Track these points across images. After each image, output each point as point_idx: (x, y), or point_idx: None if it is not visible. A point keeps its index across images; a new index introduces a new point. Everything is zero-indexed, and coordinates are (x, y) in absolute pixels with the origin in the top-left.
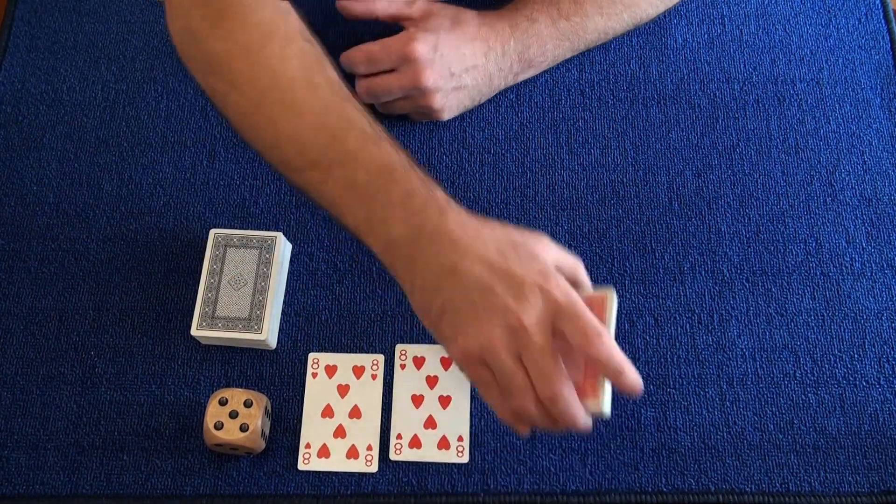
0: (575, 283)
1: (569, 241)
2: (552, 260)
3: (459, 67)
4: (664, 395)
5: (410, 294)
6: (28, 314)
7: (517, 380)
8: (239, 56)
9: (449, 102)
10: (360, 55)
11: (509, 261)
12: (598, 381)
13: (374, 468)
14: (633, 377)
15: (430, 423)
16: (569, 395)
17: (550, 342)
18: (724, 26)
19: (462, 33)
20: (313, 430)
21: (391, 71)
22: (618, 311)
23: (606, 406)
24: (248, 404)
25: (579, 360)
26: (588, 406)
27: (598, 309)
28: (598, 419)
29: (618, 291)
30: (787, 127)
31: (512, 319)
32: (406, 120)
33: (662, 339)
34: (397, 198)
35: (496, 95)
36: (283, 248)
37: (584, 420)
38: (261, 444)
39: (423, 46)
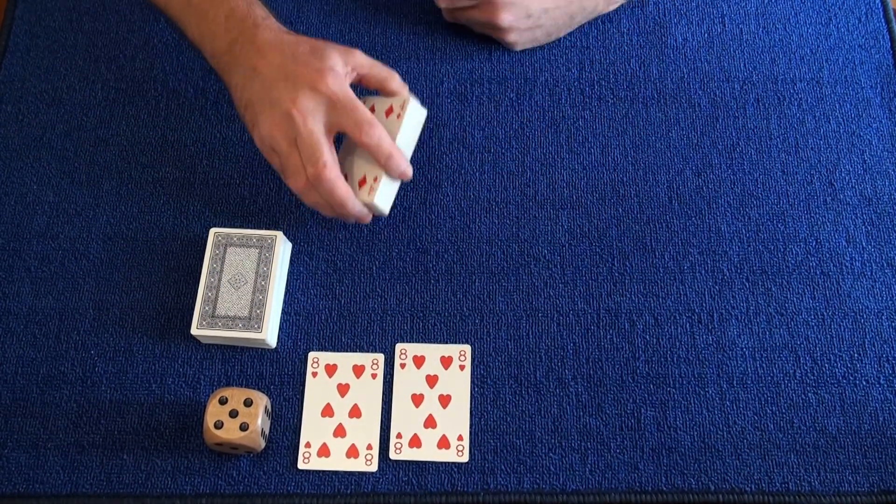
0: (384, 90)
1: (569, 239)
2: (352, 63)
3: (538, 8)
4: (664, 395)
5: (232, 93)
6: (28, 313)
7: (291, 162)
8: None
9: (522, 38)
10: None
11: (297, 62)
12: (377, 174)
13: (373, 467)
14: (401, 162)
15: (430, 423)
16: (333, 177)
17: (320, 131)
18: (725, 26)
19: None
20: (313, 429)
21: (473, 7)
22: (419, 122)
23: (379, 198)
24: (248, 403)
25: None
26: (361, 196)
27: (394, 112)
28: (380, 218)
29: (618, 291)
30: (787, 126)
31: (285, 108)
32: None
33: (662, 339)
34: (222, 14)
35: (496, 95)
36: (283, 248)
37: (354, 206)
38: (261, 444)
39: None
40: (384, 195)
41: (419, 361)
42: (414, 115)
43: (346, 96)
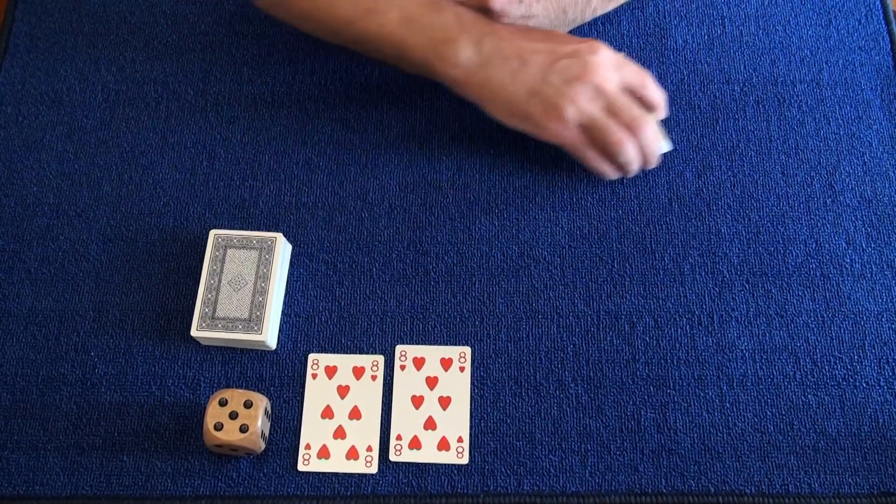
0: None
1: (569, 241)
2: None
3: None
4: (664, 397)
5: (491, 100)
6: (28, 315)
7: (615, 129)
8: None
9: None
10: None
11: (554, 39)
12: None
13: (373, 469)
14: (665, 105)
15: (430, 424)
16: (652, 128)
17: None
18: (724, 27)
19: None
20: (313, 430)
21: None
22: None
23: (664, 141)
24: (247, 405)
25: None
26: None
27: None
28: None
29: (618, 293)
30: (787, 128)
31: (589, 82)
32: (406, 116)
33: (662, 341)
34: (452, 20)
35: None
36: (283, 249)
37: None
38: (261, 445)
39: None
40: (664, 137)
41: (419, 363)
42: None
43: (619, 55)
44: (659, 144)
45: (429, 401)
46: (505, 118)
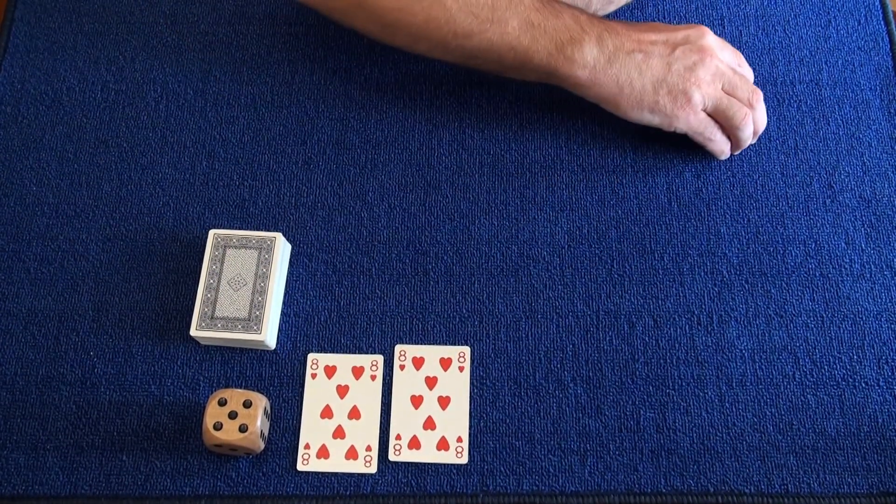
0: None
1: (568, 241)
2: None
3: None
4: (663, 397)
5: (619, 97)
6: (27, 315)
7: (739, 106)
8: None
9: None
10: None
11: (663, 30)
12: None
13: (373, 469)
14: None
15: (430, 424)
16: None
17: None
18: (724, 28)
19: None
20: (312, 430)
21: None
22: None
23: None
24: (247, 405)
25: None
26: None
27: None
28: None
29: (617, 293)
30: (787, 128)
31: (708, 66)
32: (406, 117)
33: (661, 341)
34: (571, 22)
35: (495, 96)
36: (283, 249)
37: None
38: (260, 445)
39: None
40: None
41: (418, 363)
42: None
43: (716, 36)
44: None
45: (428, 401)
46: (635, 114)
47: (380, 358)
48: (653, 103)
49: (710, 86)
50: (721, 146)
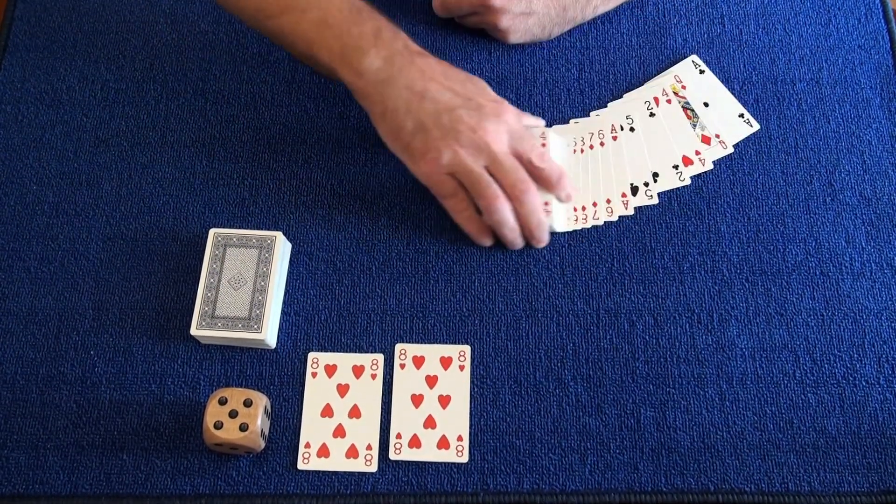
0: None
1: (568, 240)
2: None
3: None
4: (664, 395)
5: (381, 118)
6: (28, 314)
7: (484, 179)
8: None
9: (516, 26)
10: None
11: (468, 89)
12: (549, 199)
13: (373, 468)
14: (567, 184)
15: (430, 423)
16: (535, 196)
17: (512, 156)
18: (724, 26)
19: None
20: (313, 429)
21: None
22: (562, 151)
23: (556, 222)
24: (247, 404)
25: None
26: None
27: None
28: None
29: (617, 292)
30: (787, 127)
31: (476, 138)
32: None
33: (662, 339)
34: (369, 32)
35: (495, 93)
36: (283, 248)
37: (546, 229)
38: (260, 444)
39: None
40: (559, 218)
41: (419, 362)
42: (557, 145)
43: (522, 127)
44: (543, 217)
45: (428, 399)
46: (388, 140)
47: (380, 357)
48: (405, 143)
49: (470, 156)
50: (464, 221)
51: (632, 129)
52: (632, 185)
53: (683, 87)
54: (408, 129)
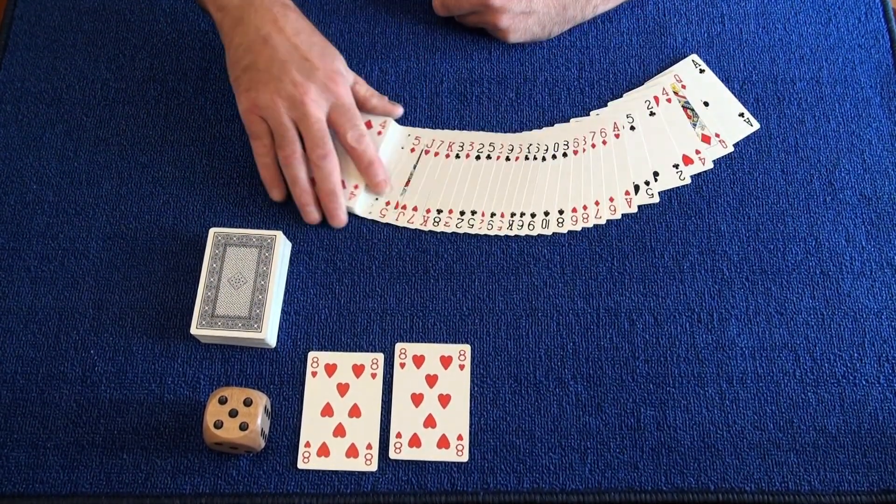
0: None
1: (568, 239)
2: (355, 83)
3: None
4: (664, 394)
5: (228, 49)
6: (28, 313)
7: (290, 133)
8: None
9: (516, 25)
10: None
11: (312, 52)
12: (358, 182)
13: (373, 467)
14: (380, 171)
15: (430, 422)
16: (335, 165)
17: (324, 123)
18: (724, 25)
19: None
20: (313, 428)
21: None
22: (398, 144)
23: (358, 205)
24: (247, 403)
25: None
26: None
27: (374, 129)
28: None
29: (617, 291)
30: (787, 126)
31: (296, 93)
32: (405, 115)
33: (662, 338)
34: None
35: (496, 95)
36: (283, 247)
37: (339, 204)
38: (260, 443)
39: None
40: (362, 203)
41: (419, 361)
42: (395, 135)
43: (351, 102)
44: (336, 189)
45: (428, 399)
46: (228, 71)
47: (380, 356)
48: (236, 76)
49: (287, 107)
50: (262, 167)
51: (632, 129)
52: (634, 184)
53: (683, 87)
54: (242, 65)
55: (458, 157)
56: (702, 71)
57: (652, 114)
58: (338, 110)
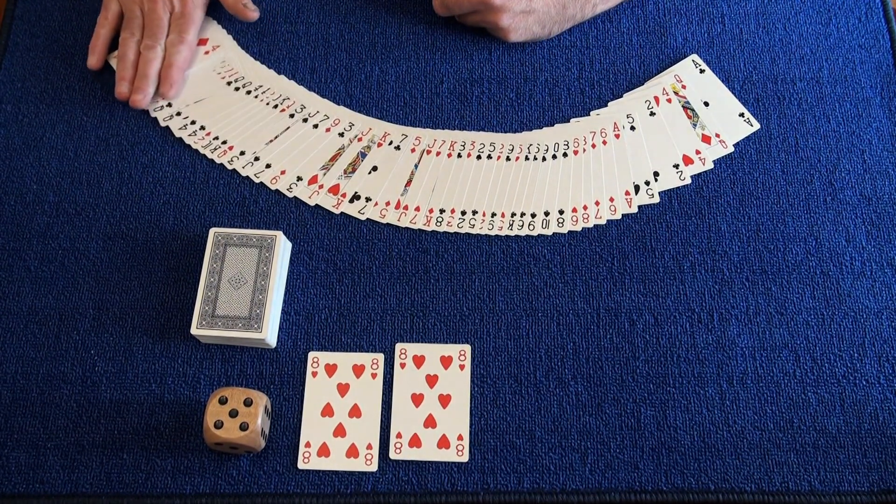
0: None
1: (568, 239)
2: None
3: None
4: (664, 394)
5: None
6: (28, 313)
7: (136, 20)
8: None
9: (516, 24)
10: None
11: None
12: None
13: (373, 467)
14: (173, 75)
15: (430, 422)
16: (154, 56)
17: (165, 21)
18: (724, 25)
19: None
20: (313, 428)
21: None
22: (209, 65)
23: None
24: (247, 403)
25: None
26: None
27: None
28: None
29: (617, 291)
30: (787, 126)
31: None
32: (405, 115)
33: (662, 338)
34: None
35: (496, 95)
36: (283, 247)
37: (146, 89)
38: (261, 443)
39: None
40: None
41: (419, 361)
42: (210, 61)
43: (190, 14)
44: (153, 74)
45: (429, 399)
46: None
47: (380, 356)
48: None
49: None
50: (97, 29)
51: (632, 129)
52: (634, 184)
53: (684, 87)
54: None
55: (459, 157)
56: (702, 71)
57: (652, 114)
58: (176, 17)
